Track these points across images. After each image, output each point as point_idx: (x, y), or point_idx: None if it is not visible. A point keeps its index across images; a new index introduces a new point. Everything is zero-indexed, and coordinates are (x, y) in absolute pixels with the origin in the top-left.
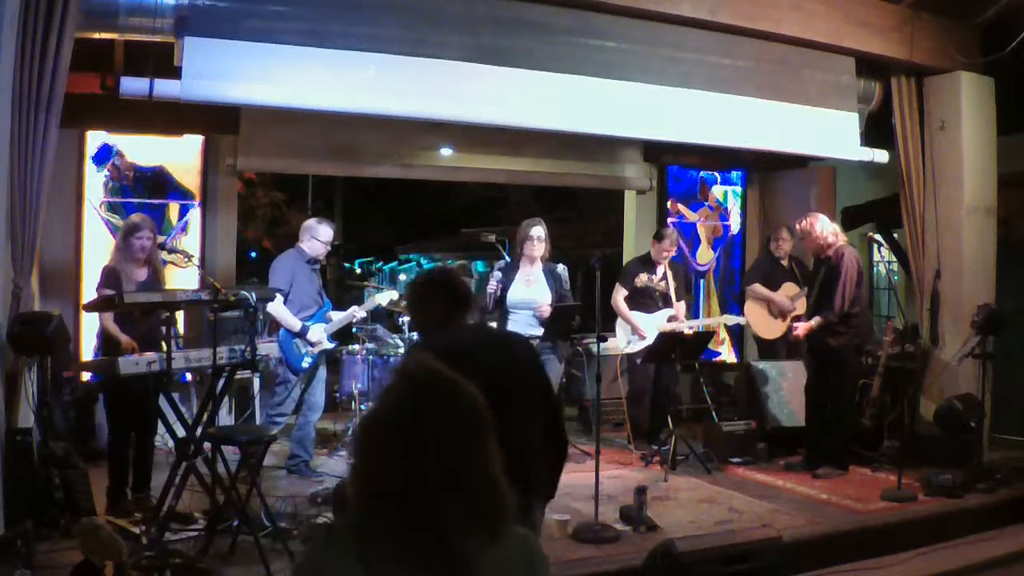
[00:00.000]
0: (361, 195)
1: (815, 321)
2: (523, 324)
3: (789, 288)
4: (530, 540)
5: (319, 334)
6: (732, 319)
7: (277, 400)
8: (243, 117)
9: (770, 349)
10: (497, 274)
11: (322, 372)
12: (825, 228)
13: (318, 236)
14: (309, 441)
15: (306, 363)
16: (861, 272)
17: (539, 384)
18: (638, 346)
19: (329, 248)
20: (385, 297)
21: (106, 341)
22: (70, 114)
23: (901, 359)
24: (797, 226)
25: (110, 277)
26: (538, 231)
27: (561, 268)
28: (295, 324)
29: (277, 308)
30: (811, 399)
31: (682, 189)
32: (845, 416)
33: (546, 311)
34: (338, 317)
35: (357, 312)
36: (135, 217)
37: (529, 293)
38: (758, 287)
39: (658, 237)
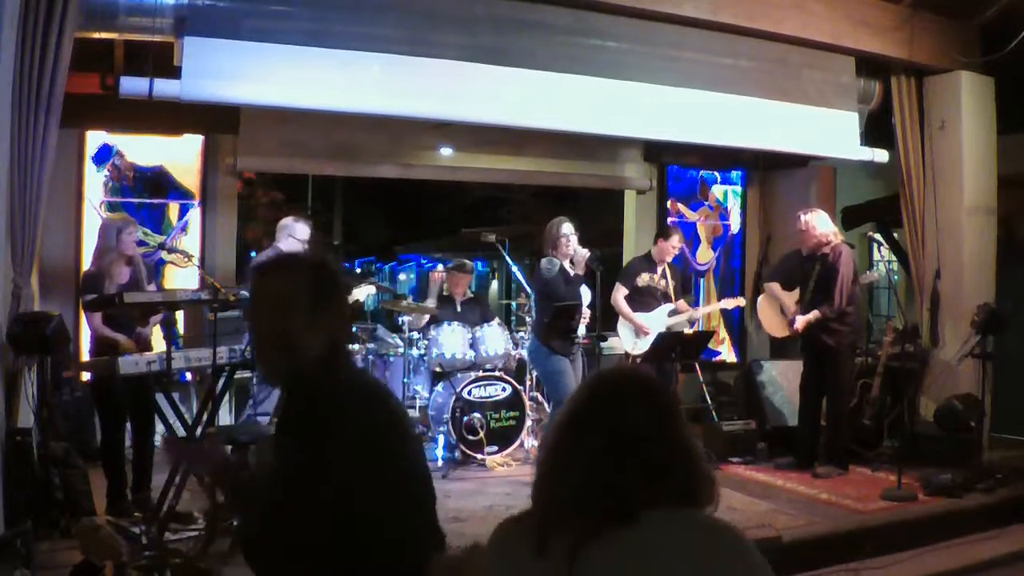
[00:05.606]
0: (361, 195)
1: (813, 315)
2: None
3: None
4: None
5: None
6: (731, 302)
7: (261, 398)
8: (243, 117)
9: (783, 347)
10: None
11: None
12: (827, 226)
13: (295, 234)
14: None
15: None
16: (856, 270)
17: None
18: (645, 345)
19: (306, 247)
20: (363, 291)
21: (99, 343)
22: (70, 114)
23: (901, 359)
24: (801, 217)
25: (91, 283)
26: (568, 227)
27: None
28: None
29: None
30: (804, 396)
31: (682, 189)
32: (844, 414)
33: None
34: None
35: None
36: (117, 216)
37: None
38: (774, 286)
39: (665, 235)
